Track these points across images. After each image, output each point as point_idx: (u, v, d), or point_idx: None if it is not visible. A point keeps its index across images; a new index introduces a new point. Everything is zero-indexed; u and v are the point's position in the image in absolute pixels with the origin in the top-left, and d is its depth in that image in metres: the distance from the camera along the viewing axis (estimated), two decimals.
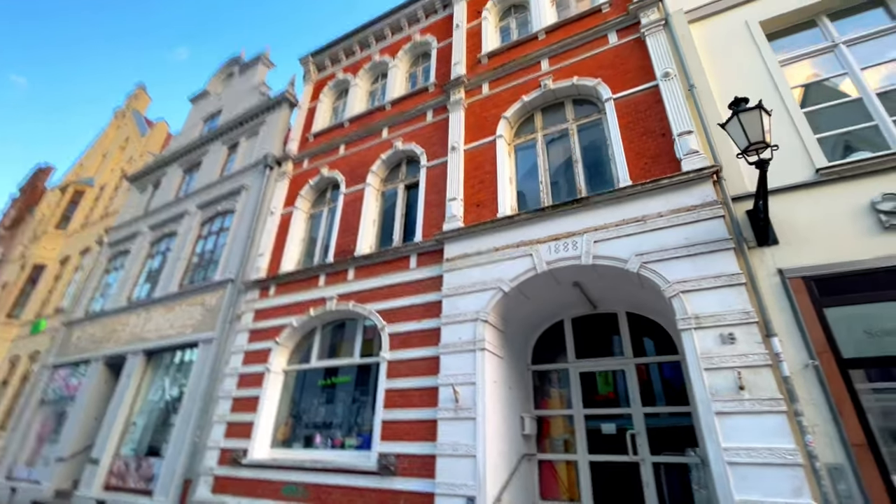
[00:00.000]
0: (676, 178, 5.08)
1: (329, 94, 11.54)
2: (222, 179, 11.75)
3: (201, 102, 15.82)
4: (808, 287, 4.17)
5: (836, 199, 4.36)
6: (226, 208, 10.95)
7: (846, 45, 5.23)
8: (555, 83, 7.08)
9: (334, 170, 9.49)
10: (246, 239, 9.67)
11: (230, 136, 12.90)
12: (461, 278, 6.16)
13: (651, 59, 6.19)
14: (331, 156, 9.86)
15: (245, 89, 14.02)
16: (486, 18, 9.06)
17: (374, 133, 9.35)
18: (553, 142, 7.01)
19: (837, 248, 4.15)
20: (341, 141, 9.80)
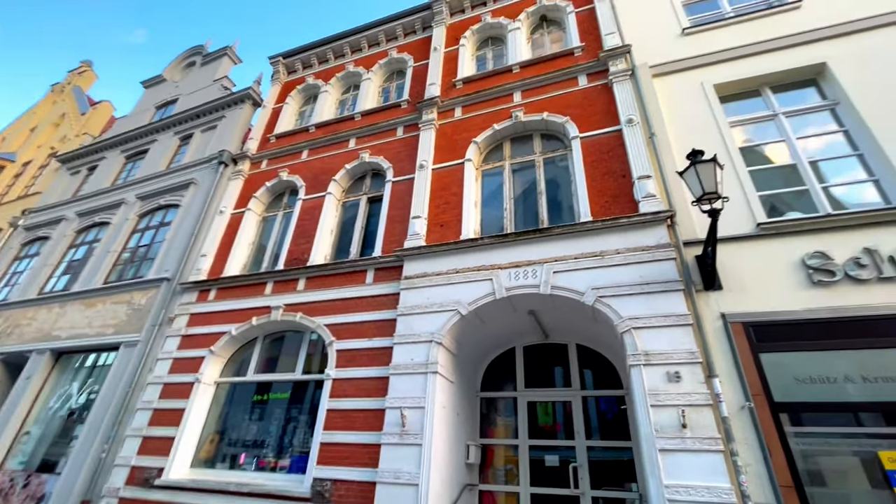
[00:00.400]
0: (634, 218, 5.32)
1: (297, 97, 11.25)
2: (170, 171, 10.97)
3: (155, 88, 14.89)
4: (747, 332, 4.43)
5: (773, 252, 4.73)
6: (170, 202, 10.20)
7: (785, 115, 5.81)
8: (526, 116, 7.31)
9: (295, 174, 9.15)
10: (189, 237, 9.01)
11: (184, 127, 12.16)
12: (419, 297, 6.02)
13: (617, 105, 6.56)
14: (292, 160, 9.52)
15: (206, 81, 13.37)
16: (463, 45, 9.28)
17: (340, 142, 9.16)
18: (519, 171, 7.17)
19: (773, 298, 4.47)
20: (305, 146, 9.51)
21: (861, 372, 3.96)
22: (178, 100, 13.56)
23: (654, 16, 7.46)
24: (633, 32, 7.41)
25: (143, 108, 14.40)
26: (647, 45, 7.07)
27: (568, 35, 8.32)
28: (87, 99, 18.87)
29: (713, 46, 6.53)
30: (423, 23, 10.49)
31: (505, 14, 9.42)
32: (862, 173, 5.12)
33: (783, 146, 5.66)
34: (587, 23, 8.13)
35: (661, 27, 7.24)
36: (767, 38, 6.25)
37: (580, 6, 8.52)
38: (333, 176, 8.57)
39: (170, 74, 14.95)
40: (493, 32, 9.50)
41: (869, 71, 5.48)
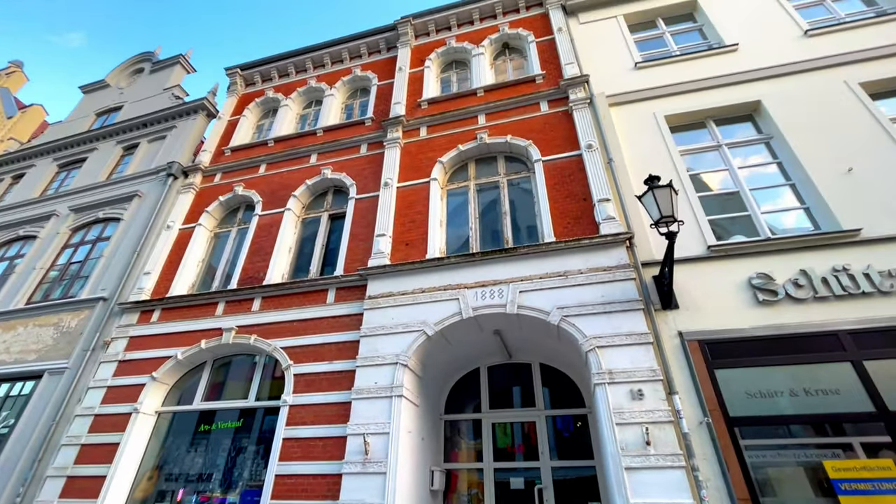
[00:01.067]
0: (596, 239, 5.51)
1: (255, 110, 10.93)
2: (111, 182, 10.22)
3: (97, 94, 13.95)
4: (703, 349, 4.65)
5: (723, 273, 5.03)
6: (109, 215, 9.46)
7: (727, 146, 6.30)
8: (490, 138, 7.47)
9: (251, 189, 8.79)
10: (131, 253, 8.35)
11: (129, 136, 11.42)
12: (383, 318, 5.87)
13: (577, 131, 6.86)
14: (249, 174, 9.16)
15: (156, 89, 12.70)
16: (428, 67, 9.43)
17: (301, 157, 8.94)
18: (484, 191, 7.27)
19: (725, 316, 4.74)
20: (263, 160, 9.19)
21: (803, 385, 4.24)
22: (123, 107, 12.76)
23: (610, 50, 7.95)
24: (590, 63, 7.84)
25: (82, 114, 13.42)
26: (603, 76, 7.49)
27: (529, 63, 8.67)
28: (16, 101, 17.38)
29: (663, 80, 7.02)
30: (387, 43, 10.59)
31: (469, 39, 9.71)
32: (794, 201, 5.61)
33: (726, 174, 6.11)
34: (547, 52, 8.53)
35: (615, 60, 7.71)
36: (709, 76, 6.80)
37: (541, 37, 8.94)
38: (293, 191, 8.31)
39: (114, 80, 14.08)
40: (458, 56, 9.75)
41: (798, 110, 6.08)
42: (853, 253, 4.80)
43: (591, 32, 8.47)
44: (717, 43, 7.49)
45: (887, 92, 6.11)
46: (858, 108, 5.84)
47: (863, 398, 4.02)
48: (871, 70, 6.20)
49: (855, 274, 4.65)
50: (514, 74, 8.88)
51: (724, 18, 7.70)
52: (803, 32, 6.95)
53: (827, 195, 5.25)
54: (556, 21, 8.89)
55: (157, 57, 13.99)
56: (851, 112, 5.84)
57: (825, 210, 5.20)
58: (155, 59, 13.92)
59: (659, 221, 4.48)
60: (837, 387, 4.13)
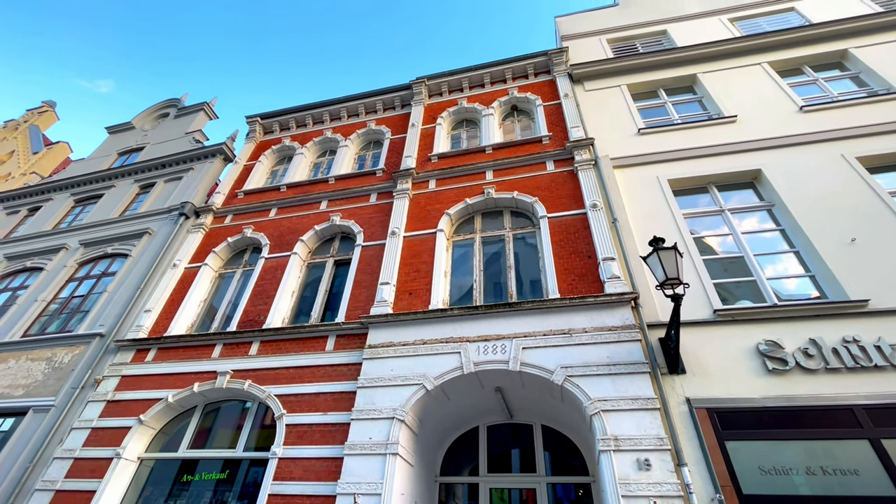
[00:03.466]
0: (601, 298, 5.49)
1: (271, 156, 11.36)
2: (123, 219, 10.45)
3: (121, 135, 14.61)
4: (712, 418, 4.48)
5: (730, 338, 4.95)
6: (118, 251, 9.59)
7: (730, 212, 6.43)
8: (497, 193, 7.68)
9: (260, 232, 8.95)
10: (134, 289, 8.37)
11: (147, 176, 11.83)
12: (382, 369, 5.75)
13: (582, 190, 7.05)
14: (259, 217, 9.37)
15: (178, 133, 13.31)
16: (440, 124, 9.89)
17: (312, 203, 9.17)
18: (489, 244, 7.37)
19: (734, 384, 4.61)
20: (275, 204, 9.43)
21: (819, 463, 4.03)
22: (145, 148, 13.32)
23: (614, 115, 8.35)
24: (595, 127, 8.21)
25: (105, 153, 13.99)
26: (607, 140, 7.81)
27: (536, 124, 9.09)
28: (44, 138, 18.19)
29: (665, 146, 7.31)
30: (402, 100, 11.18)
31: (479, 101, 10.25)
32: (799, 268, 5.63)
33: (730, 238, 6.19)
34: (554, 115, 8.96)
35: (619, 125, 8.07)
36: (711, 144, 7.08)
37: (548, 101, 9.43)
38: (301, 236, 8.45)
39: (139, 123, 14.81)
40: (468, 115, 10.24)
41: (798, 180, 6.26)
42: (862, 324, 4.74)
43: (596, 99, 8.94)
44: (716, 114, 7.86)
45: (884, 166, 6.31)
46: (857, 181, 6.01)
47: (884, 482, 3.81)
48: (866, 145, 6.44)
49: (866, 346, 4.57)
50: (522, 134, 9.28)
51: (723, 92, 8.13)
52: (798, 108, 7.30)
53: (832, 264, 5.27)
54: (562, 87, 9.41)
55: (184, 103, 14.78)
56: (850, 184, 6.00)
57: (831, 279, 5.20)
58: (181, 105, 14.70)
59: (664, 283, 4.48)
60: (856, 467, 3.93)
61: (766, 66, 8.39)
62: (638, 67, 9.20)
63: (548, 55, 10.18)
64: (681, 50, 9.02)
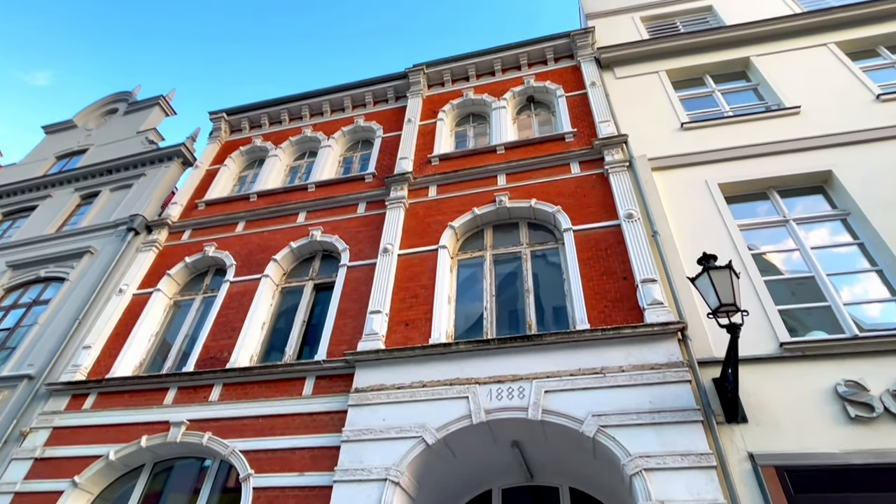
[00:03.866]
0: (640, 329, 5.45)
1: (238, 159, 11.52)
2: (60, 235, 10.57)
3: (60, 135, 14.88)
4: (781, 478, 4.38)
5: (801, 378, 4.88)
6: (53, 274, 9.67)
7: (796, 222, 6.42)
8: (511, 201, 7.72)
9: (224, 250, 9.01)
10: (72, 321, 8.41)
11: (90, 184, 12.00)
12: (372, 418, 5.69)
13: (614, 198, 7.08)
14: (224, 232, 9.44)
15: (128, 132, 13.54)
16: (442, 120, 10.02)
17: (287, 215, 9.25)
18: (503, 263, 7.37)
19: (808, 436, 4.51)
20: (242, 216, 9.51)
21: None
22: (88, 150, 13.55)
23: (651, 108, 8.44)
24: (628, 122, 8.28)
25: (40, 157, 14.23)
26: (644, 137, 7.87)
27: (558, 119, 9.19)
28: None
29: (715, 144, 7.35)
30: (396, 92, 11.36)
31: (489, 91, 10.40)
32: (884, 291, 5.57)
33: (797, 255, 6.17)
34: (579, 108, 9.07)
35: (658, 120, 8.15)
36: (770, 141, 7.12)
37: (571, 91, 9.56)
38: (274, 255, 8.49)
39: (82, 120, 15.09)
40: (476, 109, 10.38)
41: (878, 183, 6.25)
42: None
43: (630, 88, 9.05)
44: (775, 104, 7.93)
45: None
46: None
47: None
48: None
49: None
50: (540, 131, 9.38)
51: (782, 79, 8.22)
52: (875, 97, 7.35)
53: None
54: (588, 75, 9.55)
55: (135, 97, 15.07)
56: None
57: None
58: (132, 99, 14.99)
59: (718, 310, 4.44)
60: None
61: (833, 48, 8.49)
62: (679, 50, 9.33)
63: (570, 37, 10.36)
64: (730, 29, 9.16)
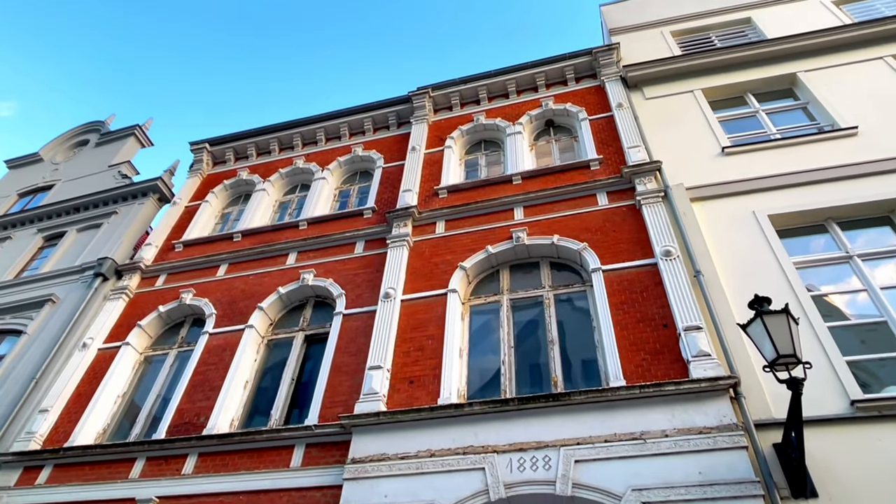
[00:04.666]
0: (685, 386, 5.35)
1: (222, 194, 11.76)
2: (19, 282, 10.76)
3: (24, 169, 15.33)
4: None
5: (879, 442, 4.72)
6: (9, 326, 9.81)
7: (861, 258, 6.37)
8: (530, 238, 7.77)
9: (204, 297, 9.08)
10: (28, 380, 8.48)
11: (54, 223, 12.28)
12: (371, 493, 5.58)
13: (649, 232, 7.09)
14: (203, 276, 9.55)
15: (100, 165, 13.93)
16: (450, 147, 10.23)
17: (276, 256, 9.37)
18: (522, 309, 7.36)
19: None
20: (225, 258, 9.64)
21: None
22: (55, 186, 13.91)
23: (687, 131, 8.57)
24: (662, 147, 8.39)
25: (1, 194, 14.61)
26: (680, 163, 7.95)
27: (581, 145, 9.35)
28: None
29: (762, 170, 7.40)
30: (398, 118, 11.66)
31: (503, 115, 10.64)
32: None
33: (864, 296, 6.09)
34: (605, 132, 9.22)
35: (695, 144, 8.25)
36: (826, 167, 7.15)
37: (595, 114, 9.75)
38: (259, 302, 8.54)
39: (49, 153, 15.55)
40: (488, 135, 10.60)
41: None
42: None
43: (662, 109, 9.22)
44: (828, 125, 8.02)
45: None
46: None
47: None
48: None
49: None
50: (562, 158, 9.52)
51: (835, 96, 8.33)
52: None
53: None
54: (614, 96, 9.76)
55: (108, 127, 15.57)
56: None
57: None
58: (105, 129, 15.47)
59: (775, 362, 4.36)
60: None
61: (890, 61, 8.64)
62: (717, 66, 9.54)
63: (592, 54, 10.65)
64: (774, 42, 9.38)
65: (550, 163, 9.47)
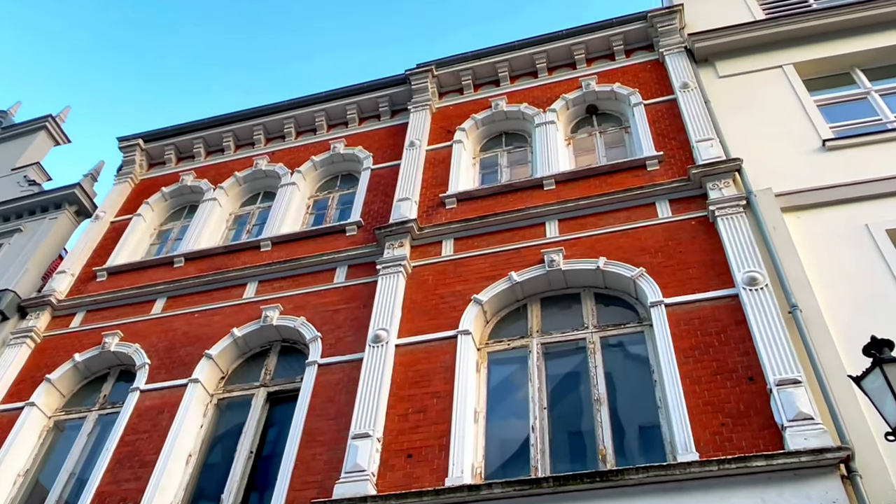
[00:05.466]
0: (779, 460, 5.27)
1: (159, 205, 11.87)
2: None
3: None
4: None
5: None
6: None
7: None
8: (567, 262, 7.74)
9: (134, 342, 9.09)
10: None
11: None
12: None
13: (727, 254, 7.04)
14: (133, 314, 9.58)
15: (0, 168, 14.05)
16: (460, 142, 10.30)
17: (230, 286, 9.43)
18: (557, 357, 7.32)
19: None
20: (163, 290, 9.69)
21: None
22: None
23: (774, 119, 8.60)
24: (741, 141, 8.40)
25: None
26: (766, 162, 7.95)
27: (634, 138, 9.40)
28: None
29: (877, 170, 7.39)
30: (392, 104, 11.79)
31: (530, 100, 10.72)
32: None
33: None
34: (665, 121, 9.27)
35: (786, 136, 8.28)
36: None
37: (652, 97, 9.81)
38: (207, 348, 8.53)
39: None
40: (511, 126, 10.69)
41: None
42: None
43: (741, 91, 9.26)
44: None
45: None
46: None
47: None
48: None
49: None
50: (608, 156, 9.57)
51: None
52: None
53: None
54: (677, 73, 9.80)
55: (12, 118, 15.71)
56: None
57: None
58: (7, 121, 15.60)
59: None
60: None
61: None
62: (814, 33, 9.60)
63: (648, 19, 10.77)
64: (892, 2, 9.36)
65: (593, 162, 9.50)
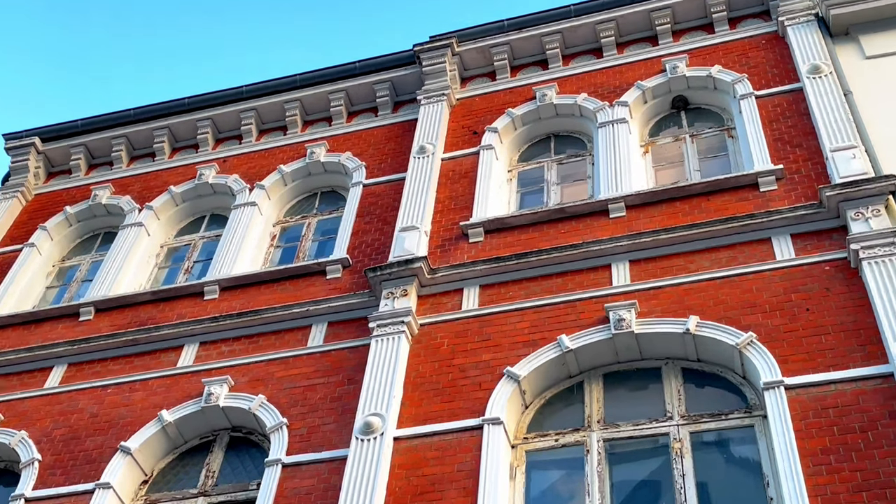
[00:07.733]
0: None
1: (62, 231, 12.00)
2: None
3: None
4: None
5: None
6: None
7: None
8: (642, 321, 7.69)
9: (19, 428, 9.13)
10: None
11: None
12: None
13: (877, 316, 6.88)
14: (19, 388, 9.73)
15: None
16: (490, 148, 10.33)
17: (158, 350, 9.48)
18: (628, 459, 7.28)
19: None
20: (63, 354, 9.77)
21: None
22: None
23: None
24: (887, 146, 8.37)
25: None
26: None
27: (742, 144, 9.40)
28: None
29: None
30: (395, 91, 11.93)
31: (590, 89, 10.79)
32: None
33: None
34: (787, 120, 9.27)
35: None
36: None
37: (767, 85, 9.84)
38: (124, 440, 8.54)
39: None
40: (563, 125, 10.77)
41: None
42: None
43: (891, 77, 9.23)
44: None
45: None
46: None
47: None
48: None
49: None
50: (704, 170, 9.58)
51: None
52: None
53: None
54: (804, 51, 9.82)
55: None
56: None
57: None
58: None
59: None
60: None
61: None
62: None
63: None
64: None
65: (681, 178, 9.51)
